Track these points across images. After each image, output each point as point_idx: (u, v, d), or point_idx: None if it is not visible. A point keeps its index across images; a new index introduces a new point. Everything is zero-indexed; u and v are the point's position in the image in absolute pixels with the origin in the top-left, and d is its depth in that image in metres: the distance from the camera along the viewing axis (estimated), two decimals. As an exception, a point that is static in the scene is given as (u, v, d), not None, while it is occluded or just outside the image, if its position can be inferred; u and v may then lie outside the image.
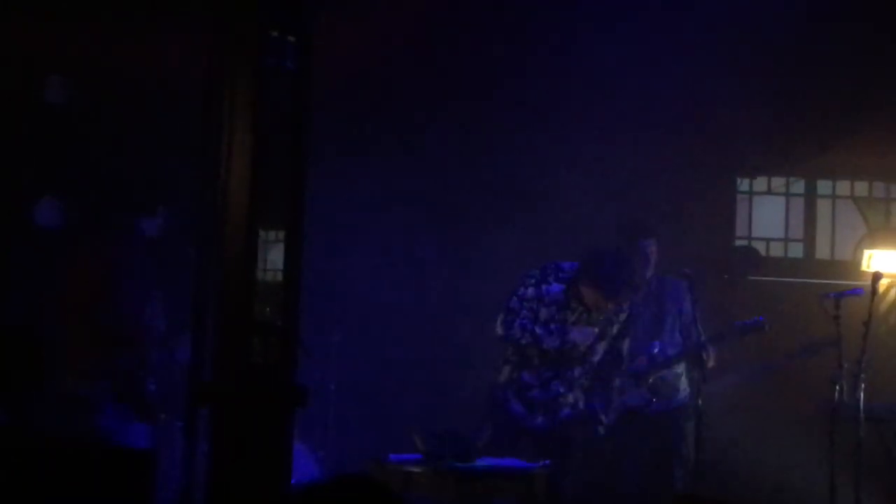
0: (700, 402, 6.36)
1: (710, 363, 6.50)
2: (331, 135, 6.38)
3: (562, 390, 6.10)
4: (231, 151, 4.36)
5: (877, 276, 6.55)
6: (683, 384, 6.83)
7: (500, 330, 6.11)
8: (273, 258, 4.66)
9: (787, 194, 8.78)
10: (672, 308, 6.82)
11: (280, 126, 4.45)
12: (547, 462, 5.65)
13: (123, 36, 6.79)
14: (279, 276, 4.50)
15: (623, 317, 6.22)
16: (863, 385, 6.31)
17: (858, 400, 6.33)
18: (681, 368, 6.81)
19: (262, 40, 4.39)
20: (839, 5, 7.50)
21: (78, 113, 7.21)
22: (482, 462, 5.61)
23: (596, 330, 6.09)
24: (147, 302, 6.44)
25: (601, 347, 6.19)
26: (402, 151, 7.75)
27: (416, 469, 5.45)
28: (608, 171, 7.79)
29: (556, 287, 6.08)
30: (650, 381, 6.63)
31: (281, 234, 4.56)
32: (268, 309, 4.50)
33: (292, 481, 4.58)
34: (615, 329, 6.22)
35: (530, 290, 6.07)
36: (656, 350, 6.66)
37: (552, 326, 6.01)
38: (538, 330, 6.00)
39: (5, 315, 6.16)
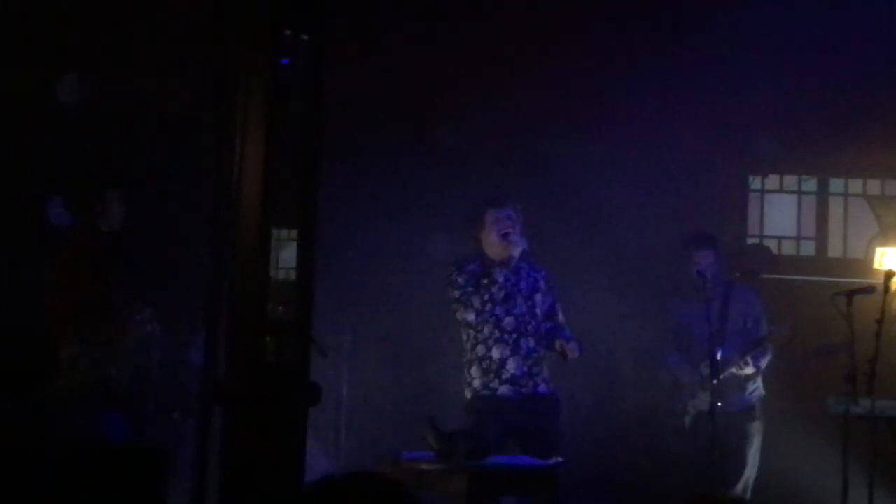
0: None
1: (748, 371, 6.71)
2: (345, 133, 6.38)
3: (531, 346, 6.12)
4: (244, 150, 4.36)
5: (889, 275, 6.53)
6: (750, 386, 6.90)
7: (469, 315, 6.14)
8: (285, 257, 4.66)
9: (800, 192, 8.77)
10: (739, 313, 6.87)
11: (293, 124, 4.45)
12: (560, 460, 5.65)
13: (136, 34, 6.79)
14: (291, 275, 4.50)
15: (542, 273, 6.24)
16: (875, 384, 6.30)
17: (871, 399, 6.31)
18: (750, 371, 6.86)
19: (275, 39, 4.39)
20: (851, 3, 7.47)
21: (88, 113, 7.22)
22: (495, 460, 5.61)
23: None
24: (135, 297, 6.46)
25: (539, 298, 6.22)
26: (416, 150, 7.75)
27: (428, 467, 5.45)
28: (621, 169, 7.78)
29: (472, 265, 6.16)
30: (714, 384, 6.64)
31: (293, 233, 4.56)
32: (280, 308, 4.51)
33: (305, 480, 4.58)
34: (541, 283, 6.24)
35: (460, 279, 6.16)
36: (719, 356, 6.69)
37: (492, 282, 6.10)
38: (486, 299, 6.08)
39: (19, 314, 6.17)
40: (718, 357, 6.67)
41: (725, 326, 6.85)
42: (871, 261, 7.96)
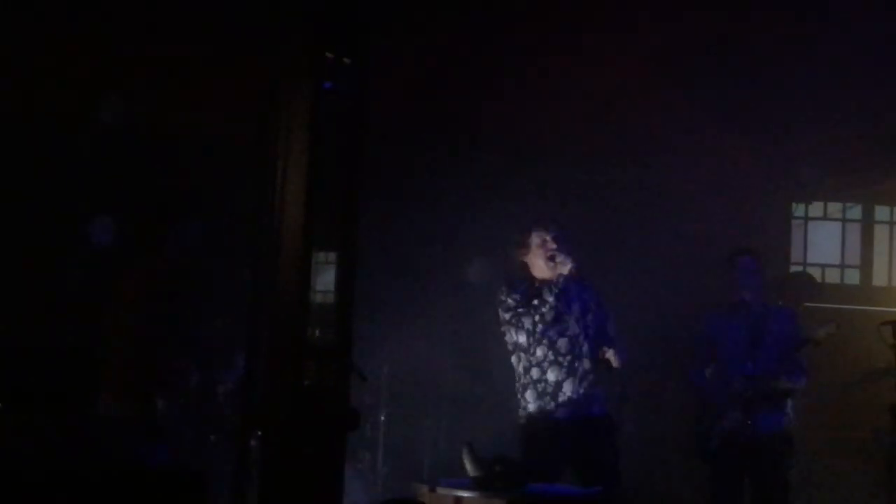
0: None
1: (802, 384, 6.57)
2: (386, 158, 6.38)
3: (586, 368, 6.07)
4: (286, 174, 4.36)
5: (936, 304, 6.45)
6: (788, 408, 6.74)
7: (521, 337, 6.10)
8: (324, 280, 4.65)
9: (844, 220, 8.69)
10: (773, 333, 6.74)
11: (335, 148, 4.45)
12: (600, 489, 5.59)
13: (180, 58, 6.84)
14: (328, 299, 4.49)
15: (591, 290, 6.20)
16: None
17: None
18: (780, 393, 6.70)
19: (318, 63, 4.40)
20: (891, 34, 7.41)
21: (133, 134, 7.27)
22: (534, 488, 5.56)
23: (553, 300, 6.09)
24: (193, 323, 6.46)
25: (590, 318, 6.15)
26: (457, 175, 7.74)
27: (466, 494, 5.40)
28: (663, 197, 7.75)
29: (522, 287, 6.13)
30: (745, 401, 6.55)
31: (331, 256, 4.55)
32: (317, 332, 4.50)
33: (343, 505, 4.56)
34: (591, 301, 6.18)
35: (510, 300, 6.13)
36: (750, 372, 6.58)
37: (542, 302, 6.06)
38: (537, 319, 6.04)
39: (62, 336, 6.20)
40: (749, 373, 6.57)
41: (760, 342, 6.73)
42: (917, 290, 7.87)
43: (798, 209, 8.68)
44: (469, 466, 5.47)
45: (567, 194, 7.72)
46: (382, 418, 7.53)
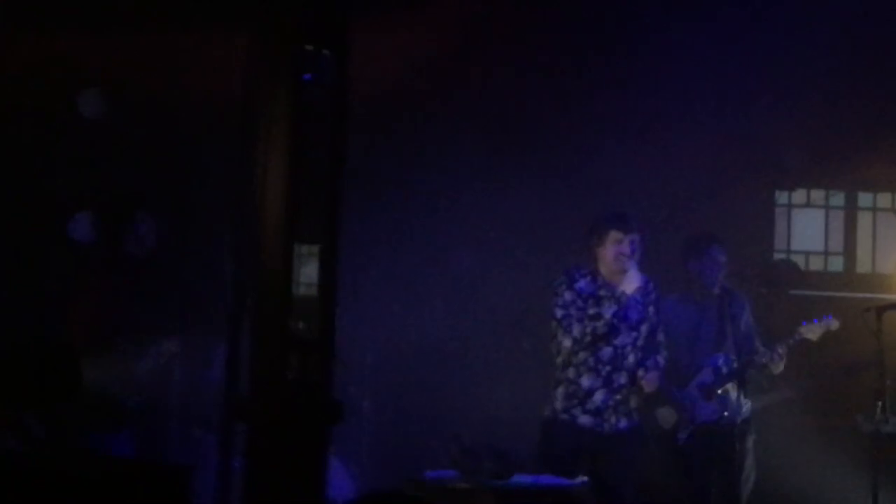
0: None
1: (779, 368, 6.53)
2: (369, 149, 6.36)
3: (622, 381, 6.01)
4: (267, 166, 4.34)
5: (919, 290, 6.47)
6: (747, 398, 6.73)
7: (566, 342, 6.02)
8: (307, 273, 4.63)
9: (827, 207, 8.69)
10: (735, 320, 6.73)
11: (317, 140, 4.43)
12: (585, 479, 5.59)
13: (160, 51, 6.80)
14: (312, 291, 4.47)
15: (651, 297, 6.13)
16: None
17: (901, 416, 6.24)
18: (744, 381, 6.69)
19: (298, 54, 4.37)
20: (879, 18, 7.42)
21: (112, 129, 7.23)
22: (520, 479, 5.56)
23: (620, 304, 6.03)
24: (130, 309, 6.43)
25: (644, 328, 6.08)
26: (438, 165, 7.72)
27: (452, 486, 5.40)
28: (646, 185, 7.73)
29: (583, 282, 6.05)
30: (718, 393, 6.55)
31: (313, 249, 4.53)
32: (301, 324, 4.48)
33: (327, 497, 4.55)
34: (650, 310, 6.11)
35: (567, 295, 6.05)
36: (720, 362, 6.58)
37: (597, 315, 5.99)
38: (588, 331, 5.97)
39: (43, 330, 6.17)
40: (720, 363, 6.57)
41: (727, 332, 6.71)
42: (901, 276, 7.89)
43: (781, 197, 8.69)
44: (456, 457, 5.47)
45: (552, 182, 7.72)
46: (367, 409, 7.52)
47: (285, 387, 4.33)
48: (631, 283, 6.02)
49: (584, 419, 5.98)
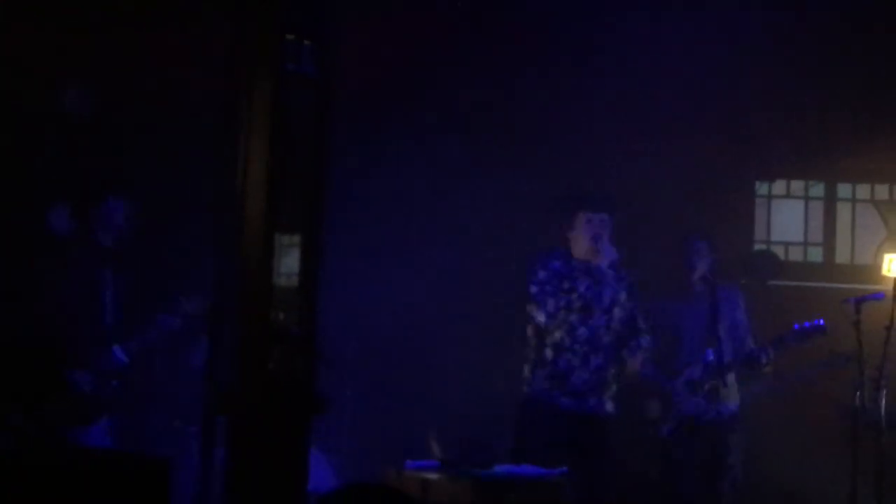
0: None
1: (768, 369, 6.54)
2: (350, 139, 6.34)
3: (600, 362, 6.00)
4: (249, 157, 4.33)
5: (898, 281, 6.49)
6: (735, 393, 6.74)
7: (540, 316, 6.03)
8: (288, 263, 4.62)
9: (807, 198, 8.71)
10: (726, 315, 6.72)
11: (300, 131, 4.42)
12: (566, 469, 5.60)
13: (140, 41, 6.77)
14: (292, 282, 4.46)
15: (626, 278, 6.13)
16: (884, 392, 6.25)
17: (880, 407, 6.26)
18: (732, 377, 6.71)
19: (279, 45, 4.36)
20: (861, 9, 7.44)
21: (94, 121, 7.19)
22: (500, 469, 5.56)
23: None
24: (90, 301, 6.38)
25: (618, 311, 6.08)
26: (419, 156, 7.71)
27: (433, 476, 5.40)
28: (625, 174, 7.74)
29: (557, 263, 6.07)
30: (706, 388, 6.55)
31: (294, 239, 4.52)
32: (282, 315, 4.47)
33: (308, 489, 4.55)
34: (622, 295, 6.10)
35: (541, 274, 6.08)
36: (710, 358, 6.58)
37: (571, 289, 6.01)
38: (563, 305, 5.98)
39: (23, 324, 6.13)
40: (710, 358, 6.58)
41: (716, 327, 6.72)
42: (880, 267, 7.89)
43: (761, 188, 8.71)
44: (436, 448, 5.48)
45: (533, 177, 7.71)
46: (348, 400, 7.51)
47: (266, 378, 4.32)
48: (605, 259, 6.04)
49: (565, 400, 5.99)
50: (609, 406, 6.07)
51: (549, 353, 6.04)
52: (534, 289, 6.05)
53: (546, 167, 7.70)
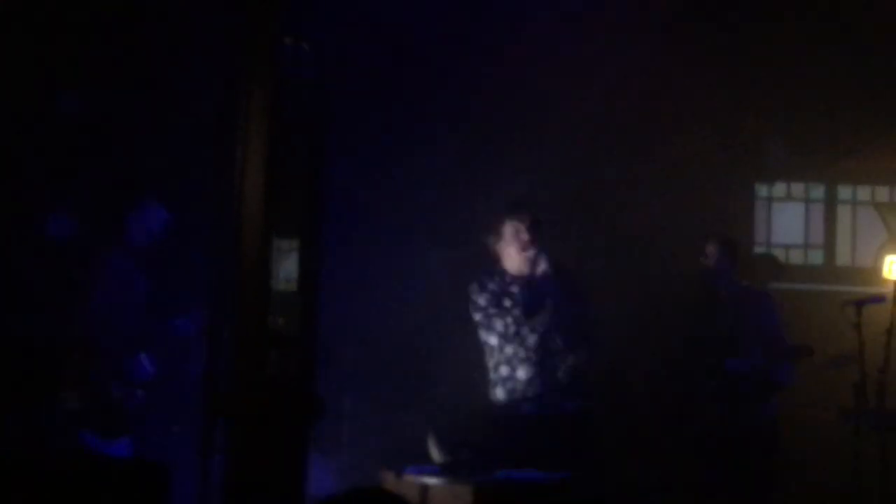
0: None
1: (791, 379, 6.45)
2: (348, 142, 6.34)
3: (557, 363, 5.96)
4: (246, 160, 4.32)
5: (899, 283, 6.48)
6: (758, 403, 6.54)
7: (492, 339, 6.02)
8: (288, 268, 4.61)
9: (807, 200, 8.71)
10: (753, 321, 6.55)
11: (298, 134, 4.41)
12: (567, 474, 5.57)
13: (137, 46, 6.77)
14: (291, 286, 4.45)
15: (567, 280, 6.08)
16: (885, 394, 6.24)
17: (881, 408, 6.25)
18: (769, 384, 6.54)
19: (276, 49, 4.35)
20: (860, 13, 7.44)
21: (91, 124, 7.18)
22: (501, 474, 5.54)
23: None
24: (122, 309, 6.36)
25: (565, 311, 6.02)
26: (421, 159, 7.70)
27: (433, 481, 5.39)
28: (626, 177, 7.74)
29: (492, 284, 6.03)
30: (727, 396, 6.42)
31: (293, 244, 4.52)
32: (281, 319, 4.46)
33: (307, 494, 4.54)
34: (563, 297, 6.04)
35: (481, 300, 6.05)
36: (731, 367, 6.40)
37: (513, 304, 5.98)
38: (509, 322, 5.96)
39: (21, 329, 6.12)
40: (736, 367, 6.42)
41: (740, 333, 6.56)
42: (881, 269, 7.89)
43: (761, 190, 8.70)
44: (435, 452, 5.46)
45: (528, 181, 7.71)
46: (347, 405, 7.50)
47: (265, 382, 4.31)
48: (537, 266, 5.96)
49: (528, 407, 5.97)
50: (569, 405, 6.00)
51: (504, 369, 6.03)
52: (478, 315, 6.03)
53: (546, 168, 7.70)
